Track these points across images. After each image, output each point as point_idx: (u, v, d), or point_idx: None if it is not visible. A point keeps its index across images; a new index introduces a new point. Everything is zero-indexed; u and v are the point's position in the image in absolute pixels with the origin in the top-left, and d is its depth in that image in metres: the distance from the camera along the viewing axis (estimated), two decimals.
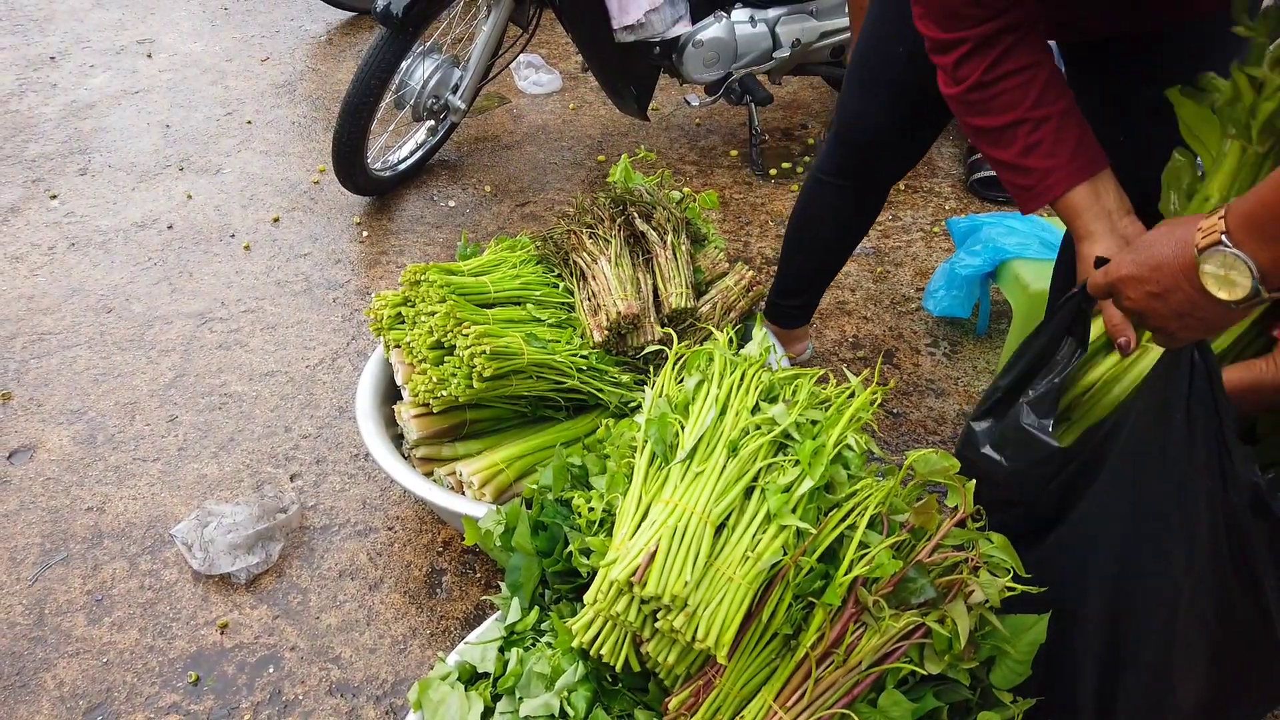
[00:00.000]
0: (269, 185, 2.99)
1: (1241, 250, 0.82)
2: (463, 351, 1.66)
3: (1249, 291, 0.82)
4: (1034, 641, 1.10)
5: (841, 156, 1.84)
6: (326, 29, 4.08)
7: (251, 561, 1.75)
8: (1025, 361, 1.17)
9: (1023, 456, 1.16)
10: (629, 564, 1.09)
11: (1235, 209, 0.82)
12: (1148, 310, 0.94)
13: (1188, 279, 0.87)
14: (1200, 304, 0.87)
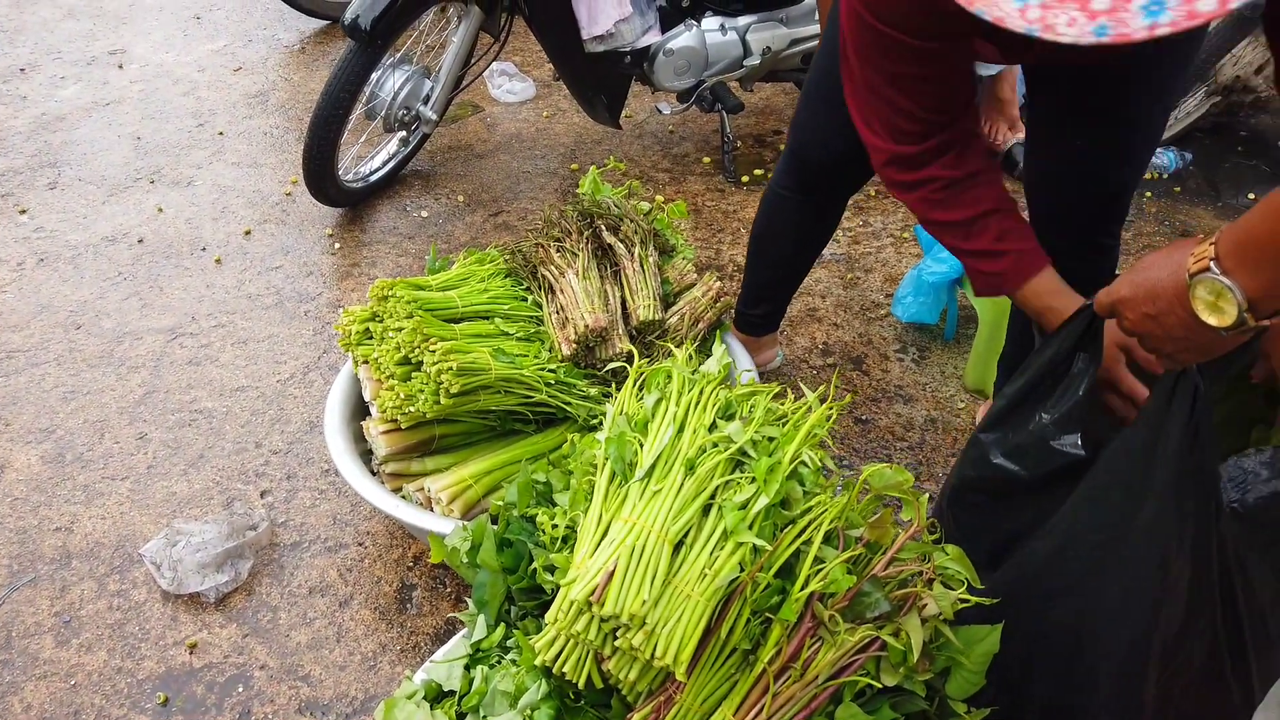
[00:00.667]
0: (240, 197, 2.98)
1: (1229, 278, 0.83)
2: (430, 368, 1.67)
3: (1236, 319, 0.83)
4: (987, 652, 1.12)
5: (799, 174, 1.86)
6: (300, 38, 4.07)
7: (221, 580, 1.75)
8: (1032, 373, 1.18)
9: (1043, 466, 1.18)
10: (588, 583, 1.10)
11: (1225, 236, 0.84)
12: (1145, 331, 0.96)
13: (1181, 303, 0.88)
14: (1193, 328, 0.88)
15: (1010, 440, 1.18)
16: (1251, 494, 1.04)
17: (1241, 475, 1.08)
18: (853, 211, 2.94)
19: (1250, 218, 0.80)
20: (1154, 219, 2.98)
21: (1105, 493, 1.09)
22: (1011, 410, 1.18)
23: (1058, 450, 1.12)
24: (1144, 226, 2.94)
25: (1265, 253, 0.79)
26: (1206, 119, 3.32)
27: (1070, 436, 1.11)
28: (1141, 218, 2.98)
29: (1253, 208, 0.80)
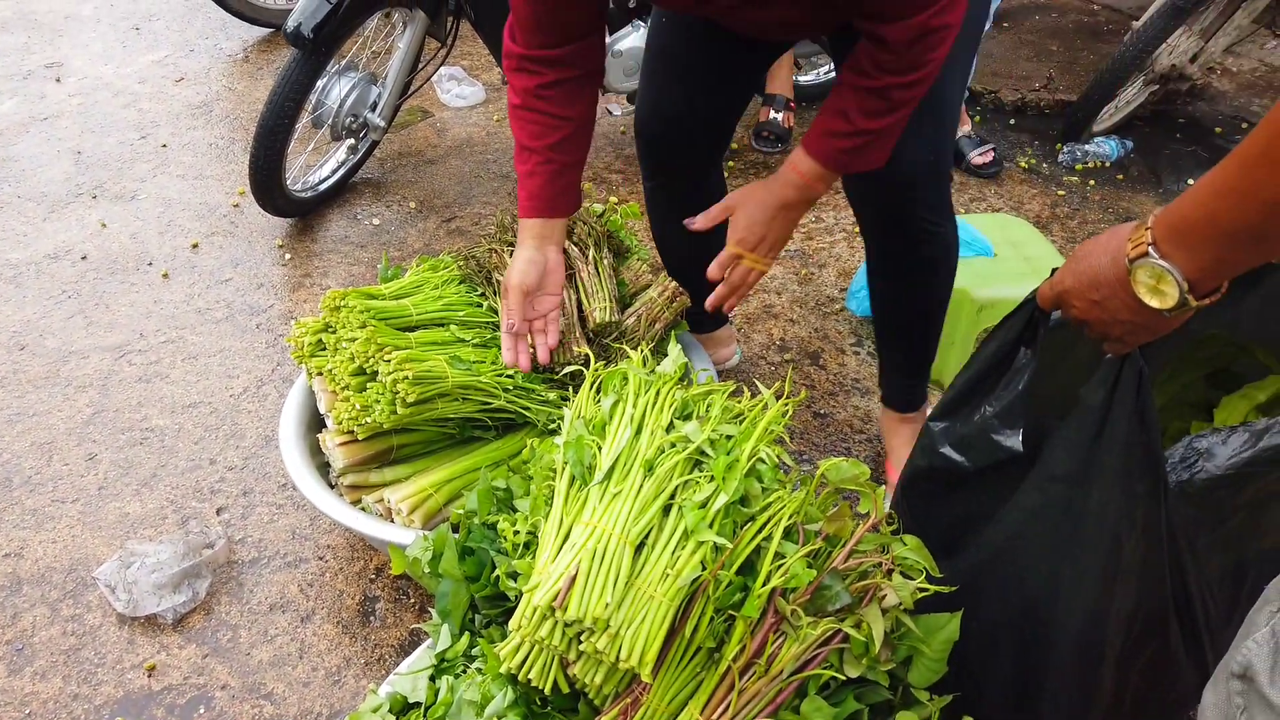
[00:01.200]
0: (187, 210, 2.93)
1: (1168, 261, 0.84)
2: (385, 377, 1.65)
3: (1178, 300, 0.85)
4: (948, 639, 1.13)
5: (650, 159, 1.89)
6: (243, 46, 4.01)
7: (178, 600, 1.72)
8: (977, 365, 1.20)
9: (986, 458, 1.20)
10: (550, 589, 1.10)
11: (1160, 221, 0.85)
12: (1092, 318, 0.98)
13: (1124, 288, 0.90)
14: (1137, 311, 0.90)
15: (957, 431, 1.20)
16: (1201, 474, 1.06)
17: (1192, 456, 1.10)
18: None
19: (1183, 201, 0.82)
20: (1099, 206, 3.04)
21: (1057, 478, 1.11)
22: (960, 401, 1.20)
23: (1000, 444, 1.14)
24: (1089, 214, 3.00)
25: (1199, 235, 0.81)
26: (1146, 107, 3.40)
27: (1011, 430, 1.13)
28: (1086, 205, 3.04)
29: (1185, 191, 0.82)
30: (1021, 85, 3.63)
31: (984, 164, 3.15)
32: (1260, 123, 0.72)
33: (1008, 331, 1.14)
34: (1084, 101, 3.18)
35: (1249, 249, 0.79)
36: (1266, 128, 0.71)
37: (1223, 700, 0.80)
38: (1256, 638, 0.77)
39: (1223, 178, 0.77)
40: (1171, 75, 3.19)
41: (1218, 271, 0.83)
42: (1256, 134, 0.72)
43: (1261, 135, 0.72)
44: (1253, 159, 0.73)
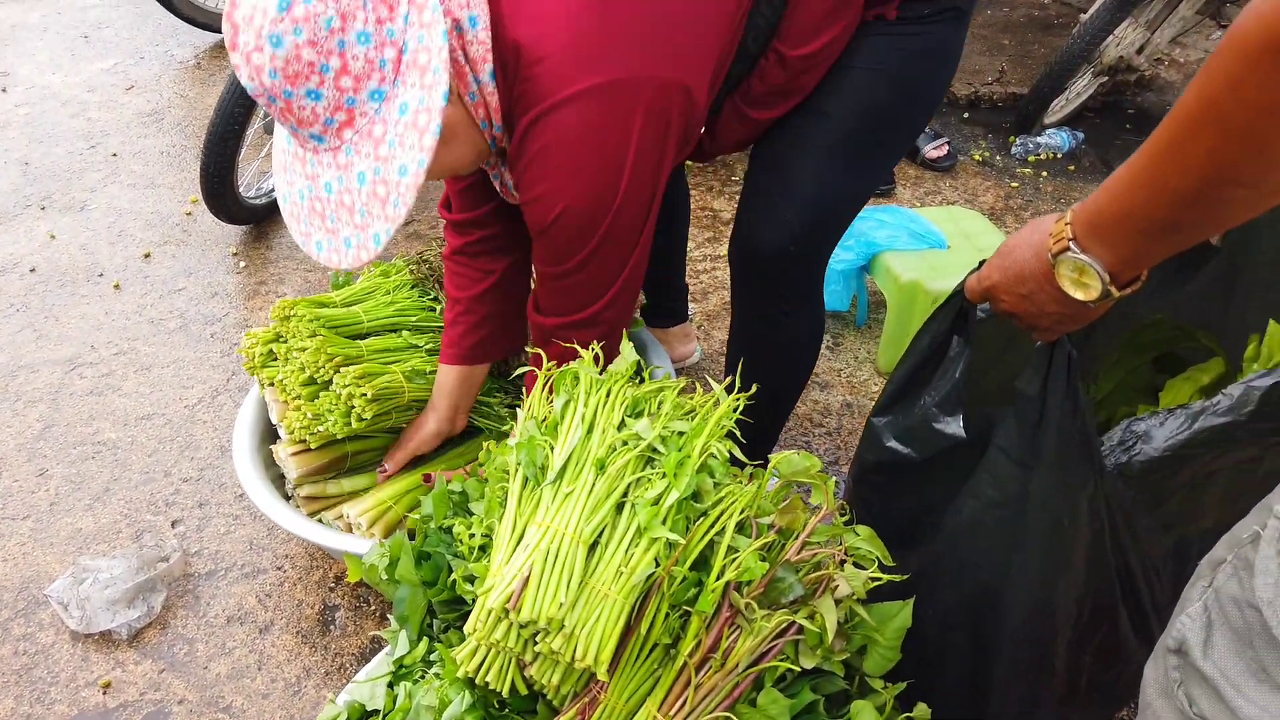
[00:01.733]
0: (138, 220, 2.88)
1: (1088, 255, 0.86)
2: (340, 390, 1.64)
3: (1101, 291, 0.87)
4: (900, 627, 1.14)
5: None
6: (194, 53, 3.96)
7: (132, 616, 1.69)
8: (913, 357, 1.21)
9: (930, 448, 1.21)
10: (503, 590, 1.09)
11: (1079, 216, 0.87)
12: (1021, 311, 1.00)
13: (1049, 282, 0.92)
14: (1063, 303, 0.92)
15: (900, 424, 1.21)
16: (1139, 457, 1.08)
17: (1130, 439, 1.12)
18: None
19: (1099, 196, 0.84)
20: (1051, 198, 3.08)
21: (1004, 466, 1.13)
22: (900, 394, 1.21)
23: (942, 432, 1.15)
24: (1042, 205, 3.04)
25: (1116, 228, 0.83)
26: (1095, 99, 3.45)
27: (952, 418, 1.14)
28: (1039, 197, 3.08)
29: (1100, 185, 0.84)
30: (974, 79, 3.67)
31: (939, 157, 3.18)
32: (1165, 117, 0.73)
33: (939, 323, 1.15)
34: (1035, 94, 3.23)
35: (1164, 239, 0.81)
36: (1170, 124, 0.73)
37: (1161, 675, 0.81)
38: (1190, 612, 0.78)
39: (1133, 172, 0.78)
40: (1119, 67, 3.24)
41: (1136, 262, 0.85)
42: (1162, 129, 0.74)
43: (1165, 132, 0.73)
44: (1160, 152, 0.75)
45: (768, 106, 1.45)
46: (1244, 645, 0.73)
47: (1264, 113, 0.64)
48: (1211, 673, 0.75)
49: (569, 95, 1.20)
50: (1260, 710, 0.71)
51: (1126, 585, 1.16)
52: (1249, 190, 0.71)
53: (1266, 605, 0.70)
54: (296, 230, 1.26)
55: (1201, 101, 0.69)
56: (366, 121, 1.14)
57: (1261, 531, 0.72)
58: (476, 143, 1.30)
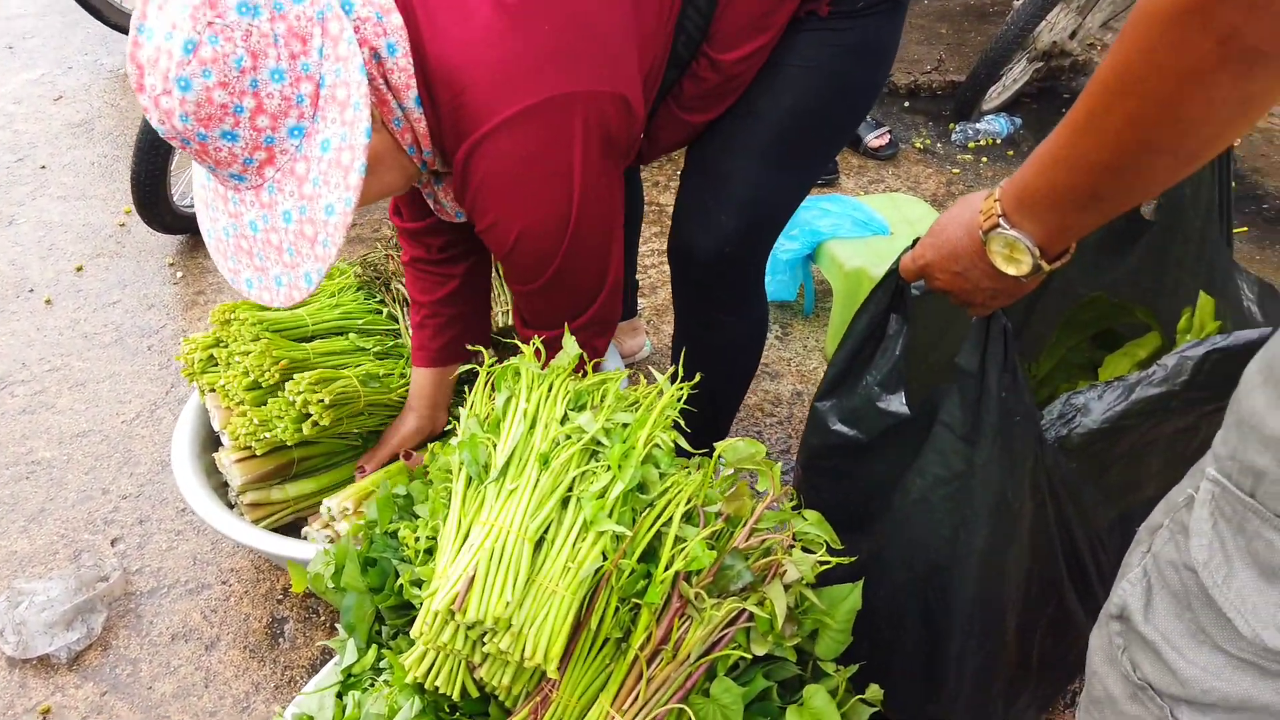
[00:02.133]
0: (69, 233, 2.80)
1: (1018, 230, 0.87)
2: (294, 396, 1.60)
3: (1032, 266, 0.88)
4: (851, 609, 1.14)
5: None
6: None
7: (72, 638, 1.64)
8: (853, 340, 1.22)
9: (876, 427, 1.21)
10: (448, 592, 1.07)
11: (1007, 192, 0.88)
12: (954, 288, 1.00)
13: (981, 259, 0.92)
14: (996, 278, 0.93)
15: (844, 406, 1.21)
16: (1078, 429, 1.09)
17: (1070, 412, 1.13)
18: None
19: (1024, 174, 0.84)
20: (992, 183, 3.12)
21: (947, 443, 1.13)
22: (842, 377, 1.21)
23: (886, 410, 1.16)
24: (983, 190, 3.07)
25: (1042, 202, 0.84)
26: (1032, 85, 3.51)
27: (895, 396, 1.15)
28: (980, 182, 3.12)
29: (1025, 161, 0.84)
30: (913, 68, 3.71)
31: (880, 146, 3.21)
32: (1083, 90, 0.74)
33: (877, 304, 1.16)
34: (972, 81, 3.27)
35: (1089, 210, 0.81)
36: (1088, 97, 0.73)
37: (1105, 642, 0.82)
38: (1130, 578, 0.79)
39: (1055, 145, 0.79)
40: (1053, 52, 3.30)
41: (1064, 235, 0.86)
42: (1080, 102, 0.74)
43: (1084, 104, 0.74)
44: (1079, 126, 0.75)
45: (701, 109, 1.44)
46: (1183, 608, 0.74)
47: (1178, 78, 0.65)
48: (1153, 636, 0.76)
49: (503, 120, 1.17)
50: (1200, 670, 0.72)
51: (1072, 558, 1.17)
52: (1168, 157, 0.72)
53: (1202, 567, 0.71)
54: (224, 267, 1.24)
55: (1116, 71, 0.69)
56: (288, 159, 1.11)
57: (1195, 494, 0.73)
58: (405, 168, 1.28)
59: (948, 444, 1.12)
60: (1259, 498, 0.66)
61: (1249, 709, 0.71)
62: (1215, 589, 0.70)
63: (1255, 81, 0.63)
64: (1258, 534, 0.66)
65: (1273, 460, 0.64)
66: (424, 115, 1.21)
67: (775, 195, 1.49)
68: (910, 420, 1.14)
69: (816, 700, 1.08)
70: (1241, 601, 0.68)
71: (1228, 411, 0.70)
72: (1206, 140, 0.69)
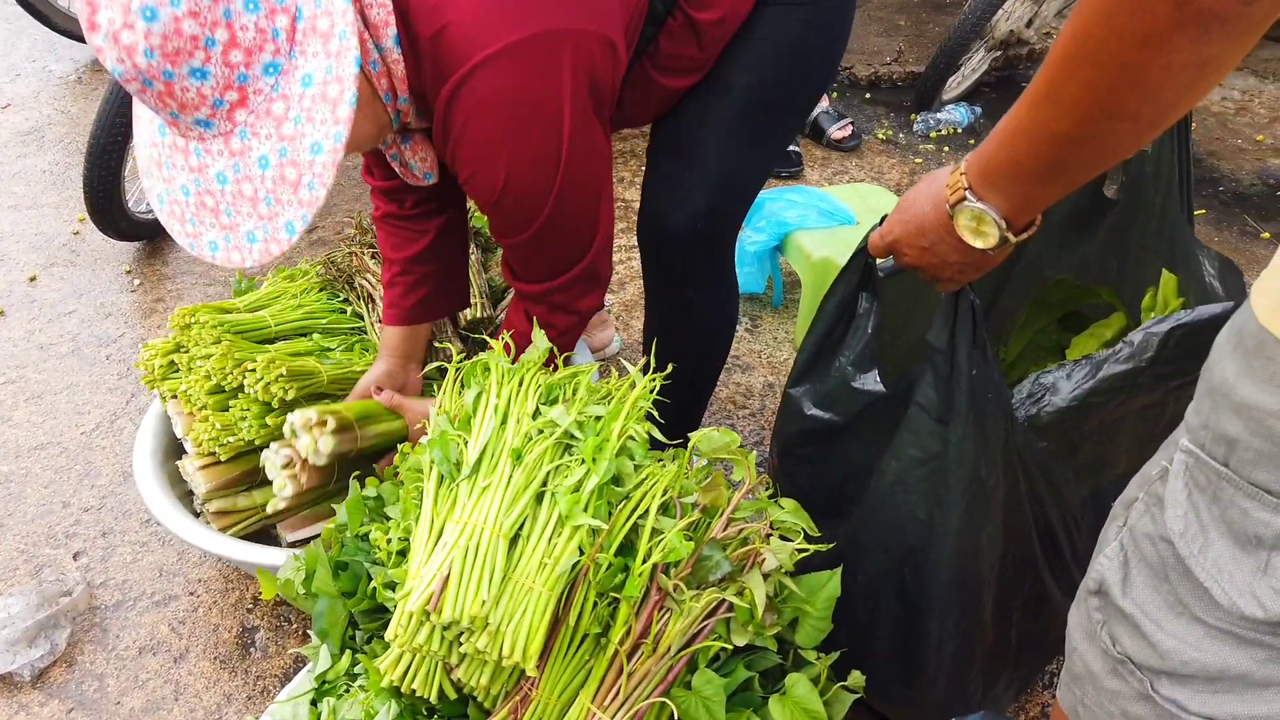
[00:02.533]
0: (21, 242, 2.73)
1: (984, 203, 0.87)
2: (255, 386, 1.57)
3: (999, 238, 0.88)
4: (830, 597, 1.14)
5: None
6: (75, 67, 3.77)
7: (34, 655, 1.59)
8: (824, 321, 1.21)
9: (851, 408, 1.20)
10: (423, 592, 1.05)
11: (972, 165, 0.88)
12: (922, 264, 1.01)
13: (949, 232, 0.93)
14: (963, 251, 0.93)
15: (818, 390, 1.21)
16: (1048, 408, 1.09)
17: (1039, 391, 1.13)
18: None
19: (989, 145, 0.85)
20: None
21: (921, 423, 1.13)
22: (813, 361, 1.21)
23: (861, 390, 1.15)
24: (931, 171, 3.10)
25: (1006, 174, 0.84)
26: (990, 74, 3.54)
27: (868, 374, 1.15)
28: None
29: (989, 133, 0.84)
30: (873, 60, 3.73)
31: (843, 138, 3.22)
32: (1043, 63, 0.74)
33: (846, 284, 1.16)
34: (931, 72, 3.29)
35: (1053, 180, 0.82)
36: (1048, 67, 0.74)
37: (1084, 618, 0.82)
38: (1107, 552, 0.79)
39: (1018, 117, 0.79)
40: (1010, 41, 3.33)
41: (1029, 206, 0.86)
42: (1041, 73, 0.75)
43: (1043, 75, 0.74)
44: (1040, 96, 0.76)
45: (675, 72, 1.41)
46: (1160, 580, 0.74)
47: (1135, 42, 0.65)
48: (1131, 610, 0.76)
49: (487, 56, 1.12)
50: (1179, 641, 0.72)
51: (1046, 536, 1.17)
52: (1128, 123, 0.72)
53: (1178, 537, 0.71)
54: (181, 232, 1.16)
55: (1076, 38, 0.70)
56: (263, 99, 1.04)
57: (1169, 466, 0.73)
58: (378, 116, 1.21)
59: (922, 424, 1.12)
60: (1232, 466, 0.66)
61: (1226, 678, 0.71)
62: (1192, 559, 0.70)
63: (1211, 44, 0.63)
64: (1232, 502, 0.67)
65: (1244, 428, 0.64)
66: (402, 56, 1.16)
67: (746, 170, 1.49)
68: (885, 399, 1.13)
69: (799, 689, 1.08)
70: (1218, 570, 0.69)
71: (1199, 381, 0.70)
72: (1165, 106, 0.70)
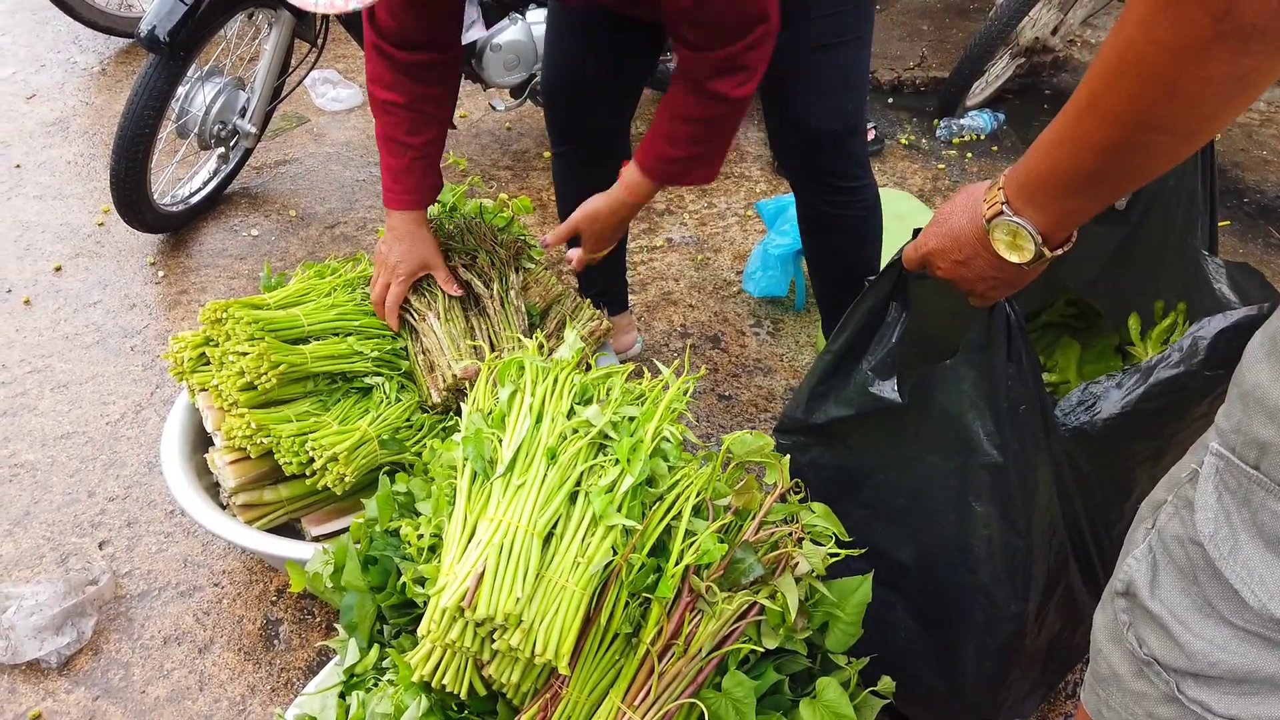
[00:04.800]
0: (47, 232, 2.75)
1: (1021, 217, 0.88)
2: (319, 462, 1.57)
3: (1035, 253, 0.89)
4: (861, 602, 1.14)
5: (554, 120, 1.92)
6: (99, 59, 3.80)
7: (61, 643, 1.61)
8: (852, 327, 1.22)
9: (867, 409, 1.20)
10: (457, 589, 1.06)
11: (1010, 180, 0.88)
12: (958, 276, 1.01)
13: (984, 246, 0.93)
14: (999, 266, 0.93)
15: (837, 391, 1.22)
16: (1100, 415, 1.09)
17: (1090, 399, 1.13)
18: (697, 194, 2.97)
19: (1027, 160, 0.85)
20: (977, 177, 3.14)
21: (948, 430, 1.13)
22: (836, 364, 1.22)
23: (877, 395, 1.16)
24: (968, 184, 3.09)
25: (1046, 188, 0.85)
26: (1014, 81, 3.53)
27: (888, 382, 1.15)
28: (965, 177, 3.14)
29: (1028, 149, 0.85)
30: (896, 65, 3.72)
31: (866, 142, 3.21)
32: (1084, 75, 0.75)
33: (879, 292, 1.16)
34: (955, 77, 3.28)
35: (1091, 194, 0.82)
36: (1089, 80, 0.74)
37: (1110, 619, 0.83)
38: (1135, 554, 0.79)
39: (1057, 130, 0.80)
40: (1035, 48, 3.32)
41: (1066, 221, 0.87)
42: (1082, 85, 0.76)
43: (1085, 87, 0.75)
44: (1082, 109, 0.76)
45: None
46: (1189, 582, 0.74)
47: (1176, 53, 0.66)
48: (1159, 611, 0.76)
49: None
50: (1207, 644, 0.73)
51: (1078, 541, 1.17)
52: (1167, 136, 0.73)
53: (1208, 540, 0.71)
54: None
55: (1117, 50, 0.70)
56: None
57: (1199, 469, 0.73)
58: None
59: (950, 431, 1.12)
60: (1264, 470, 0.67)
61: (1254, 680, 0.72)
62: (1222, 561, 0.70)
63: (1251, 57, 0.64)
64: (1263, 505, 0.67)
65: (1277, 433, 0.65)
66: None
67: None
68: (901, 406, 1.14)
69: (829, 693, 1.08)
70: (1248, 573, 0.69)
71: (1230, 385, 0.71)
72: (1204, 118, 0.70)
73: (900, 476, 1.22)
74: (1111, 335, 1.49)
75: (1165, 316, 1.35)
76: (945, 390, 1.10)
